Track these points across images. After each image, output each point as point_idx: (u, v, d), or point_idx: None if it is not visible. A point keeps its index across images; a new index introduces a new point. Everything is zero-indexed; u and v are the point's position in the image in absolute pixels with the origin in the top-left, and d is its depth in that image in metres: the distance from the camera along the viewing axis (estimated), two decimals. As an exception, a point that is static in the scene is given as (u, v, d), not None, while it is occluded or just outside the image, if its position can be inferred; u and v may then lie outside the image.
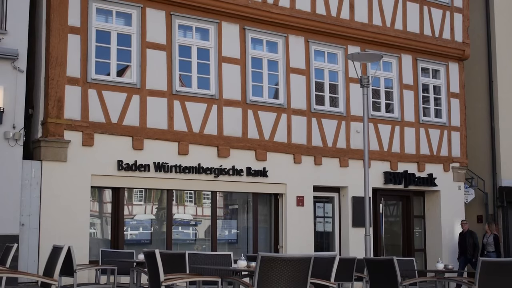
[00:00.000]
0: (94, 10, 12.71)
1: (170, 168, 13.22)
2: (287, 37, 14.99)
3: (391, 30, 16.48)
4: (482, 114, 19.86)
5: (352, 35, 15.83)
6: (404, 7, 16.79)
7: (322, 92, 15.51)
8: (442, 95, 17.61)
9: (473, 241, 16.44)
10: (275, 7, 14.67)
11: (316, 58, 15.47)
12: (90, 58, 12.56)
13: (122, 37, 13.03)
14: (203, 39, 13.99)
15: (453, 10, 17.80)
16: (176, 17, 13.58)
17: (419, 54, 17.13)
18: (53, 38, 12.17)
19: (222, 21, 14.11)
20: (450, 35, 17.63)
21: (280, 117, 14.71)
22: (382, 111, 16.41)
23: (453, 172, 17.53)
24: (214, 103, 13.86)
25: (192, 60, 13.78)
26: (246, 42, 14.42)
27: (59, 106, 12.10)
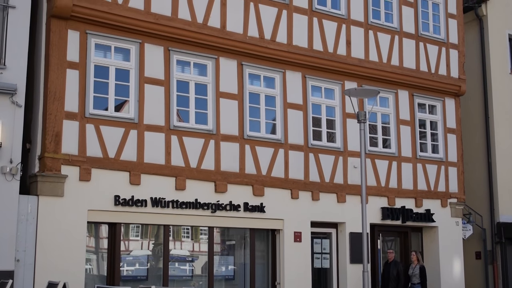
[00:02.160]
0: (93, 46, 12.78)
1: (167, 204, 13.16)
2: (285, 72, 15.08)
3: (387, 66, 16.59)
4: (479, 149, 19.91)
5: (349, 71, 15.93)
6: (400, 44, 16.94)
7: (320, 128, 15.53)
8: (439, 130, 17.67)
9: (397, 271, 15.47)
10: (273, 43, 14.79)
11: (313, 94, 15.54)
12: (88, 93, 12.59)
13: (121, 72, 13.08)
14: (201, 74, 14.06)
15: (449, 47, 17.97)
16: (174, 53, 13.66)
17: (416, 90, 17.23)
18: (52, 73, 12.21)
19: (220, 56, 14.20)
20: (446, 71, 17.77)
21: (278, 152, 14.71)
22: (379, 147, 16.43)
23: (451, 208, 17.48)
24: (211, 138, 13.86)
25: (190, 95, 13.82)
26: (244, 77, 14.49)
27: (56, 140, 12.09)
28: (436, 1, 18.00)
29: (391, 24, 16.91)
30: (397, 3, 17.09)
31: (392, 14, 17.00)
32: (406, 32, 17.12)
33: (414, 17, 17.39)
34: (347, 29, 16.02)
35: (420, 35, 17.39)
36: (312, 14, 15.50)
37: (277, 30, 14.93)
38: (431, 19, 17.83)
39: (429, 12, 17.82)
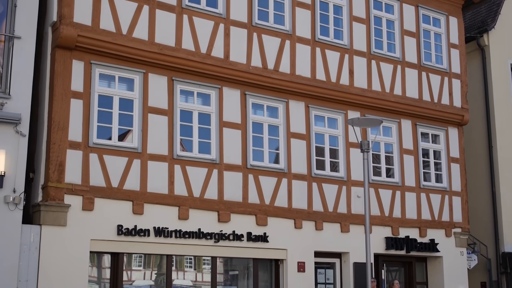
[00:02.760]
0: (97, 76, 12.86)
1: (170, 233, 13.12)
2: (288, 102, 15.13)
3: (390, 95, 16.65)
4: (483, 179, 19.86)
5: (352, 100, 15.98)
6: (403, 73, 17.02)
7: (323, 157, 15.54)
8: (442, 160, 17.65)
9: None
10: (276, 72, 14.87)
11: (317, 123, 15.57)
12: (92, 123, 12.63)
13: (124, 102, 13.14)
14: (205, 104, 14.11)
15: (451, 76, 18.04)
16: (178, 83, 13.74)
17: (419, 119, 17.26)
18: (56, 102, 12.28)
19: (224, 86, 14.27)
20: (449, 100, 17.81)
21: (281, 181, 14.69)
22: (382, 176, 16.40)
23: (455, 238, 17.38)
24: (214, 168, 13.86)
25: (193, 124, 13.87)
26: (247, 107, 14.54)
27: (60, 170, 12.10)
28: (438, 32, 18.11)
29: (394, 54, 17.00)
30: (399, 33, 17.20)
31: (394, 44, 17.10)
32: (408, 62, 17.21)
33: (416, 47, 17.50)
34: (349, 59, 16.12)
35: (422, 65, 17.48)
36: (315, 44, 15.61)
37: (280, 60, 15.02)
38: (433, 49, 17.93)
39: (431, 42, 17.93)
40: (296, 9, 15.49)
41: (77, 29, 12.50)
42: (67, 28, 12.39)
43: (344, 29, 16.22)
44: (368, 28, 16.65)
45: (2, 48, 12.21)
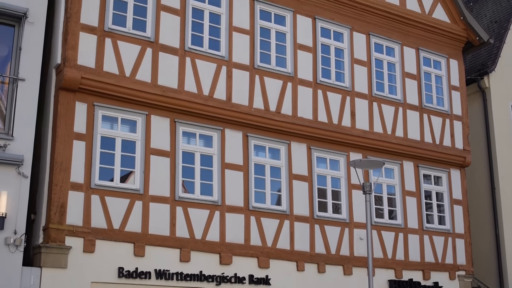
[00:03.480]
0: (100, 117, 12.92)
1: (171, 276, 13.00)
2: (290, 144, 15.15)
3: (392, 137, 16.68)
4: (486, 221, 19.75)
5: (354, 142, 16.00)
6: (404, 115, 17.08)
7: (325, 199, 15.48)
8: (445, 202, 17.58)
9: None
10: (278, 114, 14.93)
11: (319, 165, 15.56)
12: (94, 164, 12.64)
13: (127, 144, 13.18)
14: (207, 145, 14.14)
15: (453, 118, 18.10)
16: (180, 124, 13.79)
17: (421, 161, 17.25)
18: (59, 144, 12.31)
19: (226, 128, 14.32)
20: (450, 142, 17.83)
21: (283, 224, 14.62)
22: (385, 218, 16.32)
23: (459, 281, 17.19)
24: (216, 210, 13.81)
25: (195, 166, 13.87)
26: (249, 148, 14.56)
27: (61, 212, 12.07)
28: (438, 74, 18.24)
29: (395, 96, 17.10)
30: (400, 75, 17.32)
31: (395, 86, 17.21)
32: (410, 104, 17.29)
33: (417, 89, 17.60)
34: (351, 101, 16.20)
35: (424, 107, 17.56)
36: (316, 86, 15.72)
37: (282, 102, 15.10)
38: (434, 91, 18.03)
39: (432, 85, 18.04)
40: (298, 51, 15.64)
41: (81, 72, 12.61)
42: (71, 71, 12.50)
43: (345, 72, 16.35)
44: (369, 70, 16.78)
45: (6, 90, 12.31)
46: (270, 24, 15.41)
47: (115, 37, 13.24)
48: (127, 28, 13.47)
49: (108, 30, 13.19)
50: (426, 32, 18.01)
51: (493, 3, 22.89)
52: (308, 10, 16.04)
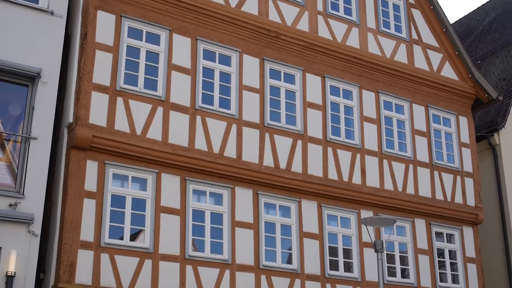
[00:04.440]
0: (111, 176, 12.97)
1: (181, 336, 12.81)
2: (300, 201, 15.10)
3: (403, 194, 16.59)
4: (501, 279, 19.40)
5: (365, 199, 15.93)
6: (415, 172, 17.03)
7: (336, 257, 15.32)
8: (458, 260, 17.34)
9: None
10: (288, 172, 14.94)
11: (329, 223, 15.46)
12: (105, 223, 12.62)
13: (137, 202, 13.17)
14: (217, 203, 14.11)
15: (464, 175, 18.02)
16: (191, 182, 13.80)
17: (433, 219, 17.10)
18: (69, 202, 12.33)
19: (236, 186, 14.31)
20: (462, 199, 17.71)
21: (294, 282, 14.43)
22: (397, 277, 16.08)
23: None
24: (227, 268, 13.68)
25: (206, 224, 13.81)
26: (259, 206, 14.52)
27: (70, 270, 11.99)
28: (448, 131, 18.27)
29: (405, 153, 17.09)
30: (410, 133, 17.36)
31: (405, 143, 17.22)
32: (420, 161, 17.26)
33: (427, 146, 17.60)
34: (361, 159, 16.21)
35: (434, 164, 17.52)
36: (326, 144, 15.76)
37: (292, 159, 15.13)
38: (444, 148, 18.02)
39: (442, 142, 18.04)
40: (308, 109, 15.76)
41: (92, 130, 12.73)
42: (82, 129, 12.62)
43: (355, 129, 16.41)
44: (379, 128, 16.83)
45: (18, 149, 12.42)
46: (280, 82, 15.58)
47: (126, 96, 13.42)
48: (138, 87, 13.65)
49: (120, 89, 13.38)
50: (435, 90, 18.13)
51: (500, 61, 23.08)
52: (317, 69, 16.23)
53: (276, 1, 15.98)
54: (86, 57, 13.13)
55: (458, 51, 18.60)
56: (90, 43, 13.24)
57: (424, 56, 18.19)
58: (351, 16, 17.18)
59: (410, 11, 18.39)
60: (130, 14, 13.94)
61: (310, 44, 16.06)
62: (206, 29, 14.82)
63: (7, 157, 12.35)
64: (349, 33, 16.91)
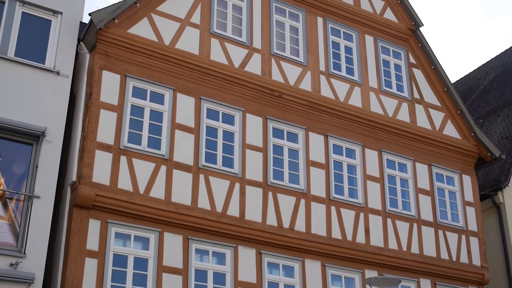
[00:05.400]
0: (113, 234, 12.88)
1: None
2: (304, 261, 14.95)
3: (407, 254, 16.43)
4: None
5: (369, 259, 15.77)
6: (419, 231, 16.90)
7: (341, 318, 15.07)
8: (465, 321, 17.03)
9: None
10: (291, 231, 14.84)
11: (333, 283, 15.24)
12: (106, 283, 12.46)
13: (139, 261, 13.04)
14: (220, 263, 13.96)
15: (469, 234, 17.88)
16: (193, 241, 13.70)
17: (438, 278, 16.88)
18: (71, 262, 12.21)
19: (239, 245, 14.20)
20: (467, 258, 17.52)
21: None
22: (403, 339, 15.78)
23: None
24: (229, 330, 13.45)
25: (208, 284, 13.61)
26: (263, 266, 14.36)
27: (70, 332, 11.79)
28: (452, 190, 18.21)
29: (409, 212, 17.00)
30: (413, 191, 17.31)
31: (409, 202, 17.15)
32: (424, 220, 17.16)
33: (431, 205, 17.52)
34: (365, 218, 16.12)
35: (438, 222, 17.41)
36: (330, 202, 15.70)
37: (296, 218, 15.05)
38: (448, 207, 17.93)
39: (446, 200, 17.96)
40: (311, 168, 15.76)
41: (95, 189, 12.73)
42: (85, 188, 12.62)
43: (358, 188, 16.37)
44: (382, 186, 16.80)
45: (20, 208, 12.39)
46: (282, 141, 15.64)
47: (130, 155, 13.46)
48: (142, 146, 13.72)
49: (123, 148, 13.44)
50: (438, 148, 18.17)
51: (502, 120, 23.20)
52: (320, 128, 16.31)
53: (279, 61, 16.20)
54: (91, 116, 13.25)
55: (460, 110, 18.73)
56: (94, 102, 13.38)
57: (426, 115, 18.31)
58: (353, 76, 17.38)
59: (411, 71, 18.61)
60: (135, 74, 14.12)
61: (312, 104, 16.20)
62: (210, 89, 14.98)
63: (9, 215, 12.31)
64: (351, 93, 17.08)
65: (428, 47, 18.82)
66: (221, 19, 15.78)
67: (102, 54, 13.81)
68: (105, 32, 13.77)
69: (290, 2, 17.06)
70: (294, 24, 16.96)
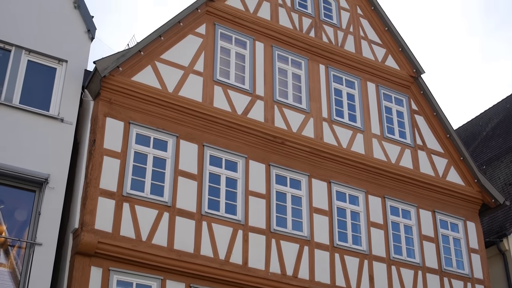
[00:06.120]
0: (115, 282, 12.74)
1: None
2: (308, 309, 14.77)
3: (413, 300, 16.24)
4: None
5: (374, 307, 15.57)
6: (424, 279, 16.70)
7: None
8: None
9: None
10: (295, 279, 14.68)
11: (339, 330, 15.07)
12: (107, 332, 12.32)
13: (141, 310, 12.91)
14: (222, 311, 13.80)
15: (474, 282, 17.65)
16: (196, 289, 13.59)
17: (444, 327, 16.64)
18: (72, 310, 12.08)
19: (242, 293, 14.06)
20: (474, 307, 17.29)
21: None
22: None
23: None
24: None
25: (211, 334, 13.46)
26: (266, 314, 14.19)
27: None
28: (456, 236, 18.05)
29: (414, 259, 16.83)
30: (417, 238, 17.16)
31: (413, 249, 16.99)
32: (429, 267, 16.97)
33: (436, 252, 17.35)
34: (369, 265, 15.96)
35: (443, 270, 17.21)
36: (333, 250, 15.57)
37: (299, 266, 14.91)
38: (453, 254, 17.75)
39: (451, 247, 17.79)
40: (314, 215, 15.69)
41: (98, 236, 12.66)
42: (87, 235, 12.55)
43: (362, 235, 16.26)
44: (386, 233, 16.67)
45: (22, 255, 12.31)
46: (286, 188, 15.61)
47: (133, 202, 13.43)
48: (145, 192, 13.69)
49: (126, 195, 13.42)
50: (442, 195, 18.09)
51: (506, 166, 23.17)
52: (323, 174, 16.30)
53: (281, 108, 16.30)
54: (94, 163, 13.27)
55: (463, 156, 18.72)
56: (98, 149, 13.42)
57: (429, 162, 18.30)
58: (356, 123, 17.44)
59: (413, 117, 18.67)
60: (138, 121, 14.20)
61: (315, 150, 16.22)
62: (213, 136, 15.03)
63: (10, 263, 12.23)
64: (354, 139, 17.12)
65: (429, 94, 18.94)
66: (224, 67, 15.94)
67: (106, 101, 13.92)
68: (109, 80, 13.91)
69: (293, 50, 17.26)
70: (297, 72, 17.12)
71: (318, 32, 17.91)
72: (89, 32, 14.66)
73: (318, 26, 18.02)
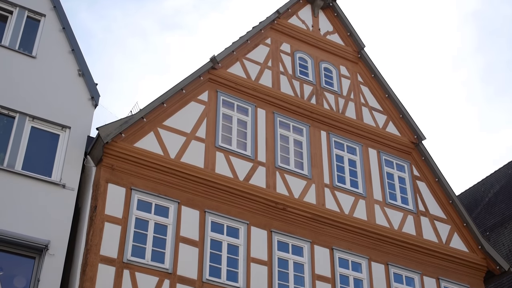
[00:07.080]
0: None
1: None
2: None
3: None
4: None
5: None
6: None
7: None
8: None
9: None
10: None
11: None
12: None
13: None
14: None
15: None
16: None
17: None
18: None
19: None
20: None
21: None
22: None
23: None
24: None
25: None
26: None
27: None
28: (462, 304, 17.78)
29: (418, 328, 16.53)
30: None
31: (418, 318, 16.72)
32: (434, 337, 16.64)
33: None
34: (373, 334, 15.66)
35: None
36: (336, 318, 15.32)
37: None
38: (459, 323, 17.44)
39: (456, 316, 17.50)
40: (317, 282, 15.45)
41: (97, 304, 12.48)
42: (87, 303, 12.37)
43: (366, 303, 16.01)
44: (390, 301, 16.42)
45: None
46: (288, 255, 15.46)
47: (133, 269, 13.28)
48: (146, 259, 13.56)
49: (126, 261, 13.29)
50: (445, 262, 17.87)
51: (509, 232, 22.98)
52: (325, 241, 16.16)
53: (283, 174, 16.31)
54: (95, 229, 13.21)
55: (466, 222, 18.59)
56: (99, 215, 13.37)
57: (432, 228, 18.16)
58: (358, 189, 17.41)
59: (415, 183, 18.65)
60: (140, 187, 14.20)
61: (317, 216, 16.14)
62: (215, 202, 15.00)
63: (7, 332, 12.01)
64: (356, 205, 17.05)
65: (431, 160, 18.97)
66: (226, 133, 16.05)
67: (108, 167, 13.96)
68: (111, 146, 14.00)
69: (294, 116, 17.41)
70: (298, 138, 17.22)
71: (319, 99, 18.11)
72: (92, 99, 14.85)
73: (319, 93, 18.24)
